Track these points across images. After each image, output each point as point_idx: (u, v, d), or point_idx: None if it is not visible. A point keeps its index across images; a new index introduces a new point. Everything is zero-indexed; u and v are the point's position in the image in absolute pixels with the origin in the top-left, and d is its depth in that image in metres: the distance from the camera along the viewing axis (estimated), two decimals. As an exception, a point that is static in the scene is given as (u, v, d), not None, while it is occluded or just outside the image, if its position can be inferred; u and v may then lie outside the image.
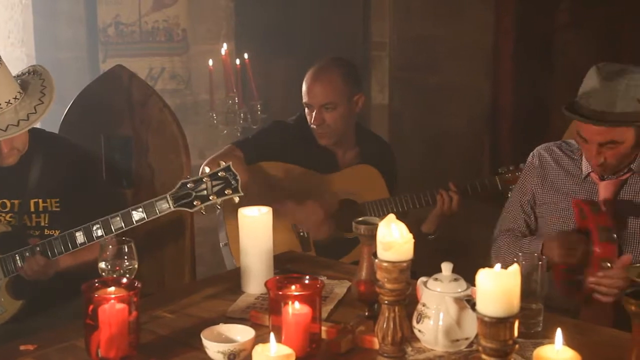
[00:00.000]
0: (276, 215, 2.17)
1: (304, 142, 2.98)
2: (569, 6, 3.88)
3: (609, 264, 2.21)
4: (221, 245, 2.91)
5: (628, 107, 2.24)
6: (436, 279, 1.77)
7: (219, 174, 2.16)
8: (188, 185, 2.17)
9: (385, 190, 3.05)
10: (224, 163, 2.17)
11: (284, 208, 2.82)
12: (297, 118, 3.06)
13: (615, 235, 2.23)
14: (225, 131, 3.60)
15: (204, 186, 2.16)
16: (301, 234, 2.90)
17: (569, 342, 1.52)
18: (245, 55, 3.60)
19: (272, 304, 1.72)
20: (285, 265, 2.26)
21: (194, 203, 2.16)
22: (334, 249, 2.88)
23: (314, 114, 2.93)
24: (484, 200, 3.11)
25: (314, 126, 2.95)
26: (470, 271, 1.41)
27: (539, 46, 4.01)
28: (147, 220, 2.23)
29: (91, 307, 1.66)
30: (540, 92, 4.00)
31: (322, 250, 2.91)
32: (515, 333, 1.35)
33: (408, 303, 1.66)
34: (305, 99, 2.96)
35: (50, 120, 2.72)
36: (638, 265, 1.63)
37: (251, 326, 1.74)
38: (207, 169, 2.17)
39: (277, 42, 4.12)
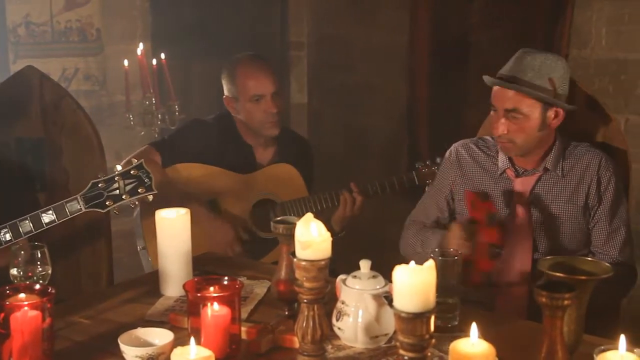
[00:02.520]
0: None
1: (224, 141, 2.96)
2: (483, 6, 3.96)
3: (497, 250, 2.27)
4: (139, 249, 2.87)
5: (538, 80, 2.32)
6: (355, 277, 1.78)
7: (131, 172, 2.11)
8: (99, 185, 2.10)
9: (304, 189, 3.05)
10: (135, 160, 2.13)
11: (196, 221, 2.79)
12: (217, 117, 3.03)
13: (498, 221, 2.31)
14: (143, 132, 3.55)
15: (116, 185, 2.10)
16: None
17: (484, 334, 1.55)
18: (162, 55, 3.56)
19: (191, 306, 1.70)
20: (205, 267, 2.25)
21: (107, 203, 2.11)
22: (254, 250, 2.87)
23: (265, 103, 2.89)
24: (403, 197, 3.16)
25: (273, 112, 2.90)
26: (389, 268, 1.43)
27: (454, 45, 4.09)
28: (57, 222, 2.15)
29: (2, 315, 1.61)
30: (456, 90, 4.08)
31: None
32: (432, 328, 1.37)
33: (327, 301, 1.66)
34: (253, 91, 2.89)
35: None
36: (549, 257, 1.67)
37: (170, 329, 1.72)
38: (119, 167, 2.12)
39: (195, 41, 4.08)
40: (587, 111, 2.55)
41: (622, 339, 1.33)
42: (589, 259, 1.67)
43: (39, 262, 1.86)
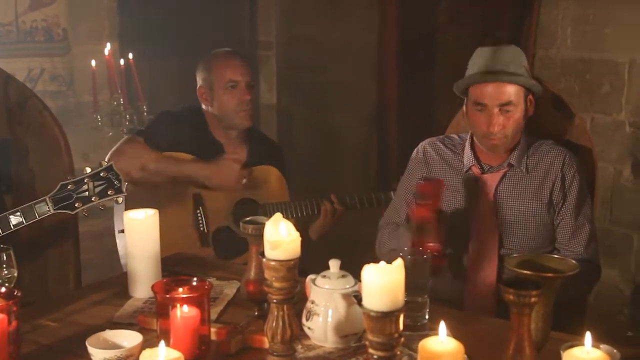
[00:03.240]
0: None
1: (194, 134, 2.96)
2: (450, 5, 3.99)
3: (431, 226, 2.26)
4: (116, 232, 2.85)
5: (519, 70, 2.38)
6: (324, 276, 1.78)
7: (101, 174, 2.10)
8: (68, 187, 2.09)
9: (286, 194, 3.05)
10: (105, 163, 2.11)
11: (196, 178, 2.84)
12: (184, 109, 3.03)
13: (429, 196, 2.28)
14: (111, 133, 3.52)
15: (85, 187, 2.09)
16: (201, 228, 2.87)
17: (453, 332, 1.56)
18: (130, 56, 3.54)
19: (160, 307, 1.69)
20: (174, 268, 2.23)
21: (76, 205, 2.09)
22: (232, 247, 2.86)
23: (240, 91, 2.93)
24: (378, 206, 3.16)
25: (247, 99, 2.94)
26: (358, 267, 1.43)
27: (422, 44, 4.11)
28: (26, 224, 2.14)
29: (-32, 318, 1.59)
30: (424, 89, 4.10)
31: (220, 247, 2.89)
32: (401, 326, 1.37)
33: (297, 301, 1.66)
34: (229, 76, 2.92)
35: None
36: (516, 255, 1.68)
37: (139, 331, 1.71)
38: (88, 169, 2.11)
39: (163, 41, 4.06)
40: (553, 110, 2.57)
41: (588, 336, 1.34)
42: (556, 256, 1.68)
43: (4, 265, 1.83)
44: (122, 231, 2.78)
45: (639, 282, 3.50)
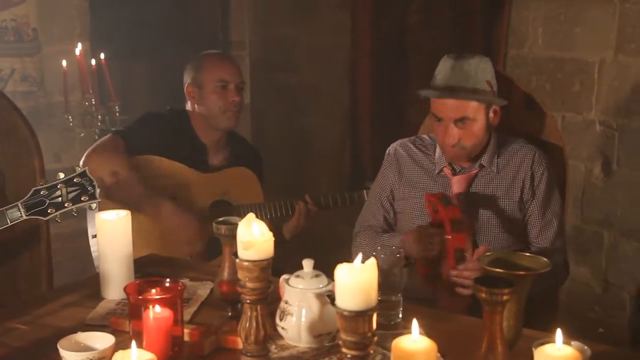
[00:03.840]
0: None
1: (179, 137, 2.94)
2: (421, 7, 4.00)
3: (464, 254, 2.30)
4: (90, 237, 2.82)
5: (479, 85, 2.37)
6: (298, 276, 1.78)
7: (75, 180, 2.08)
8: (41, 192, 2.06)
9: (260, 195, 3.05)
10: (79, 168, 2.10)
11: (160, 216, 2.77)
12: (171, 111, 3.01)
13: (464, 226, 2.32)
14: (83, 134, 3.50)
15: (58, 193, 2.07)
16: None
17: (427, 331, 1.57)
18: (102, 56, 3.51)
19: (132, 308, 1.68)
20: (147, 269, 2.22)
21: (48, 211, 2.07)
22: (208, 250, 2.84)
23: (230, 91, 2.93)
24: (352, 205, 3.16)
25: (236, 101, 2.94)
26: (332, 267, 1.43)
27: (394, 46, 4.12)
28: None
29: (-64, 322, 1.57)
30: (396, 90, 4.11)
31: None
32: (374, 325, 1.38)
33: (271, 301, 1.66)
34: (220, 75, 2.92)
35: None
36: (489, 253, 1.69)
37: (112, 333, 1.70)
38: (62, 175, 2.09)
39: (135, 41, 4.04)
40: (525, 109, 2.60)
41: (559, 333, 1.35)
42: (527, 254, 1.69)
43: (-26, 268, 1.81)
44: (96, 236, 2.77)
45: (609, 279, 3.54)
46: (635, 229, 3.41)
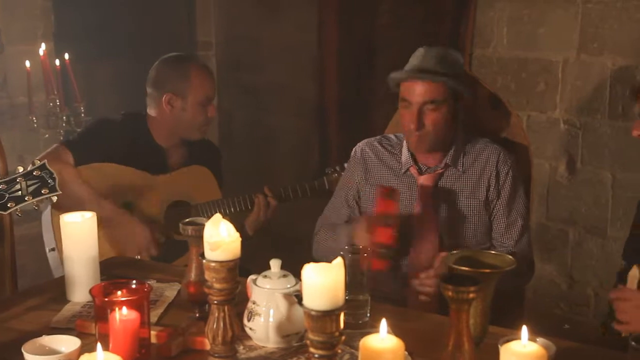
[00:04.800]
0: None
1: (134, 142, 2.91)
2: (389, 6, 4.02)
3: (385, 251, 2.31)
4: (47, 251, 2.79)
5: (449, 71, 2.40)
6: (265, 276, 1.78)
7: (34, 173, 2.05)
8: (0, 187, 2.04)
9: (217, 192, 3.03)
10: (38, 161, 2.07)
11: (112, 224, 2.73)
12: (125, 116, 2.97)
13: (393, 222, 2.34)
14: (47, 135, 3.46)
15: (18, 187, 2.03)
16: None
17: (395, 329, 1.58)
18: (66, 56, 3.47)
19: (98, 311, 1.67)
20: (113, 271, 2.20)
21: (8, 205, 2.02)
22: (168, 252, 2.83)
23: (211, 107, 2.92)
24: (313, 196, 3.17)
25: (212, 117, 2.93)
26: (300, 267, 1.43)
27: (362, 45, 4.13)
28: None
29: None
30: (363, 90, 4.12)
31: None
32: (342, 325, 1.38)
33: (238, 302, 1.66)
34: (207, 94, 2.89)
35: None
36: (455, 252, 1.71)
37: (77, 336, 1.68)
38: (21, 169, 2.06)
39: (100, 42, 4.00)
40: (490, 108, 2.62)
41: (524, 330, 1.37)
42: (493, 252, 1.71)
43: (-64, 271, 1.78)
44: (54, 249, 2.73)
45: (574, 276, 3.58)
46: (599, 226, 3.46)
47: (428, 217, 2.45)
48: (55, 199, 2.06)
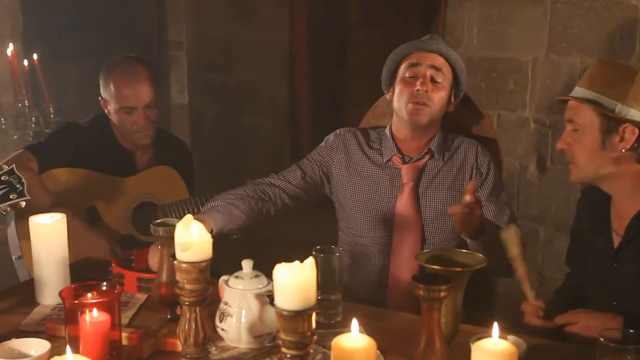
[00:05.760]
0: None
1: (101, 145, 2.89)
2: (359, 6, 4.02)
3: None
4: (14, 259, 2.75)
5: (457, 61, 2.50)
6: (237, 277, 1.78)
7: (2, 178, 2.03)
8: None
9: (185, 191, 3.01)
10: (6, 166, 2.05)
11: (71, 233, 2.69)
12: (92, 120, 2.95)
13: None
14: (16, 136, 3.41)
15: None
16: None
17: (367, 329, 1.58)
18: (35, 56, 3.43)
19: (68, 313, 1.65)
20: (83, 273, 2.18)
21: None
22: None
23: (136, 115, 2.83)
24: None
25: (142, 125, 2.84)
26: (272, 267, 1.43)
27: (333, 44, 4.13)
28: None
29: None
30: (335, 89, 4.13)
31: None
32: (314, 324, 1.38)
33: (210, 303, 1.65)
34: (124, 103, 2.81)
35: None
36: (427, 250, 1.71)
37: (47, 339, 1.66)
38: None
39: (69, 42, 3.96)
40: (461, 107, 2.63)
41: (495, 327, 1.38)
42: (464, 250, 1.71)
43: None
44: (20, 257, 2.69)
45: (545, 273, 3.61)
46: (569, 224, 3.46)
47: (410, 210, 2.43)
48: (23, 204, 2.05)
